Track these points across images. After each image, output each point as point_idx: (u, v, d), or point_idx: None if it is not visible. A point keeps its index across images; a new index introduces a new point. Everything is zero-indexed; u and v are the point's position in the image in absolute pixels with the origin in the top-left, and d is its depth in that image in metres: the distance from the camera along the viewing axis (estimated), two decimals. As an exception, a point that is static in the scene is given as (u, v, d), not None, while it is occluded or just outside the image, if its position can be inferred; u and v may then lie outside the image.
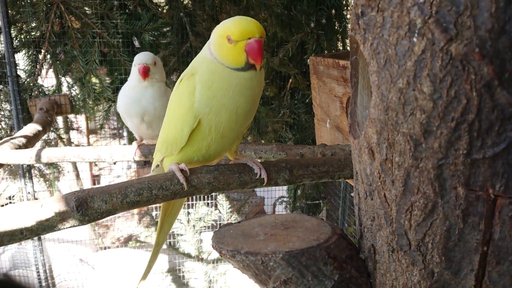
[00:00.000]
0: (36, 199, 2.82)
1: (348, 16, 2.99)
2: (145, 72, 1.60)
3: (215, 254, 3.46)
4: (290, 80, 2.90)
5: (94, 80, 2.70)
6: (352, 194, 3.28)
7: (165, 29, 2.71)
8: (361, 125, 0.76)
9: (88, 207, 0.79)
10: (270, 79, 2.87)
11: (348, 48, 3.03)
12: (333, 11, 2.89)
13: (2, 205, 3.13)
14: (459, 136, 0.56)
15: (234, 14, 2.79)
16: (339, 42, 3.03)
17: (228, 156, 1.06)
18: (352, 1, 2.75)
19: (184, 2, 2.71)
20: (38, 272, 2.68)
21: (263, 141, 3.09)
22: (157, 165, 1.11)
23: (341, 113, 1.99)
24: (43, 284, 2.69)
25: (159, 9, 2.69)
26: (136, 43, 2.72)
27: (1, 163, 1.65)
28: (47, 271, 2.74)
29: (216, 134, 0.94)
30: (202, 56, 0.96)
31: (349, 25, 3.03)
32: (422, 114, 0.57)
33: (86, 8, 2.56)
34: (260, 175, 0.96)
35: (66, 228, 0.79)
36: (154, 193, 0.85)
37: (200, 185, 0.89)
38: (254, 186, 0.95)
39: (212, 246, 0.74)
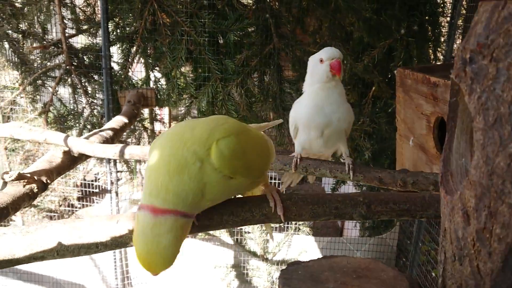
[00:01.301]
0: (119, 179, 3.02)
1: (444, 23, 2.78)
2: (340, 68, 1.38)
3: (280, 256, 3.46)
4: (373, 87, 2.77)
5: (179, 75, 2.80)
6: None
7: (249, 29, 2.72)
8: (455, 176, 0.67)
9: (160, 227, 0.80)
10: (352, 84, 2.76)
11: (441, 57, 2.81)
12: (427, 17, 2.69)
13: (92, 180, 3.41)
14: None
15: (320, 17, 2.71)
16: (430, 51, 2.82)
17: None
18: (451, 14, 2.54)
19: (271, 4, 2.69)
20: (114, 253, 2.86)
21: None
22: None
23: (427, 133, 1.84)
24: (118, 264, 2.87)
25: (246, 10, 2.70)
26: (221, 42, 2.76)
27: (89, 155, 1.76)
28: (122, 252, 2.91)
29: None
30: None
31: (443, 31, 2.81)
32: (536, 187, 0.49)
33: (178, 6, 2.64)
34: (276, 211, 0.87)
35: (138, 245, 0.81)
36: (225, 219, 0.84)
37: (270, 214, 0.87)
38: (327, 219, 0.91)
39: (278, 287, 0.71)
